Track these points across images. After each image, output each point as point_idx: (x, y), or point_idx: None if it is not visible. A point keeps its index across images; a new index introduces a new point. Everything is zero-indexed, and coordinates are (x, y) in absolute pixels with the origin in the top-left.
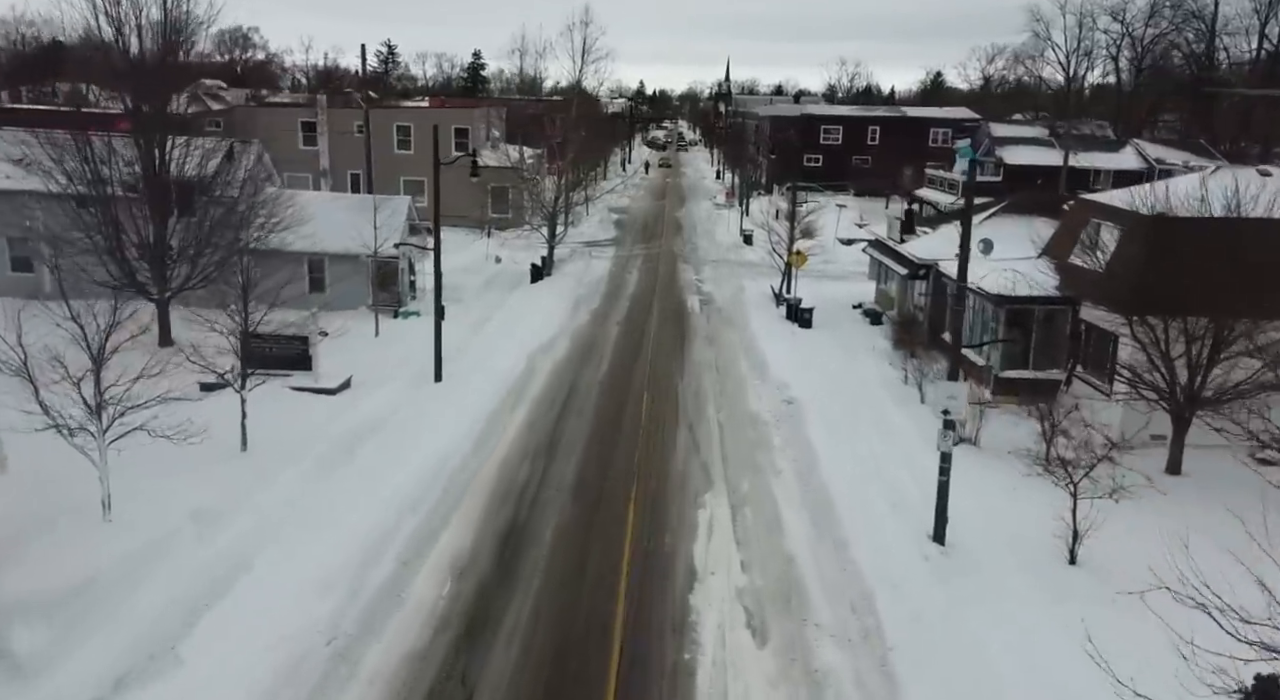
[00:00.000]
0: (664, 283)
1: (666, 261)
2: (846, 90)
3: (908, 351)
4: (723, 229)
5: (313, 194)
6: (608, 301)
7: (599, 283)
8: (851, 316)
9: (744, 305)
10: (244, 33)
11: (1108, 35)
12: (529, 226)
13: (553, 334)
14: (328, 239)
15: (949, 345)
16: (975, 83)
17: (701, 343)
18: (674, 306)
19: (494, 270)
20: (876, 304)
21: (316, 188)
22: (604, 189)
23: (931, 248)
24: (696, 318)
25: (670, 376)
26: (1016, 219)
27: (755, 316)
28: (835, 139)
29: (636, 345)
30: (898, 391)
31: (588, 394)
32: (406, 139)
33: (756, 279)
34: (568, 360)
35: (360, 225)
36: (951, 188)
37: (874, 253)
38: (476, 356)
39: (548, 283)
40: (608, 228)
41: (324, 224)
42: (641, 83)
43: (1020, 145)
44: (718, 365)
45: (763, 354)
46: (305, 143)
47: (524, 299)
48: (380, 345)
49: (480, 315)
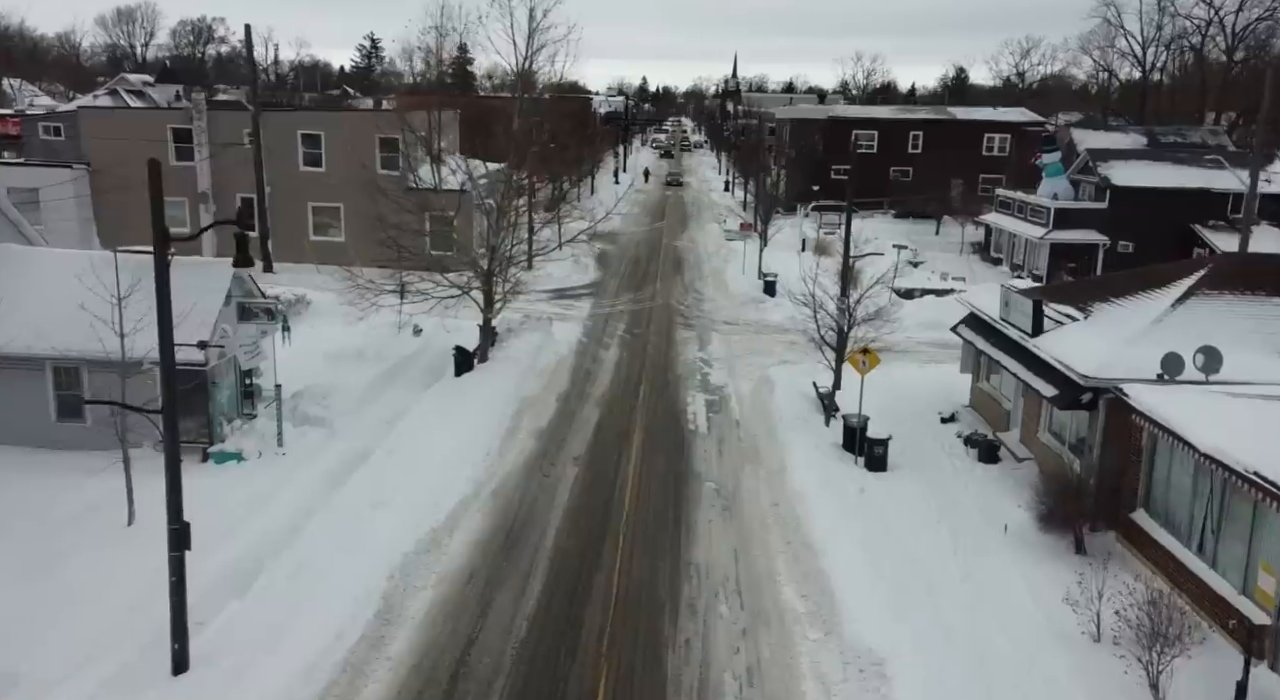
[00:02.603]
0: (654, 367)
1: (660, 324)
2: (862, 87)
3: (1071, 537)
4: (736, 269)
5: (44, 253)
6: (565, 411)
7: (557, 372)
8: (938, 435)
9: (774, 416)
10: (208, 24)
11: (1191, 21)
12: (443, 292)
13: (462, 496)
14: (69, 333)
15: (1141, 530)
16: (1011, 78)
17: (711, 511)
18: (667, 419)
19: (407, 350)
20: (980, 415)
21: (194, 218)
22: (585, 215)
23: (1094, 351)
24: (701, 445)
25: (654, 610)
26: (1233, 300)
27: (794, 443)
28: (869, 146)
29: (602, 519)
30: (1089, 664)
31: (491, 680)
32: (315, 152)
33: (788, 360)
34: (471, 571)
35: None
36: (1036, 214)
37: (977, 341)
38: (294, 578)
39: (480, 374)
40: (585, 266)
41: (61, 307)
42: (644, 79)
43: (1128, 160)
44: (740, 582)
45: (815, 544)
46: (179, 157)
47: (433, 411)
48: (130, 542)
49: (348, 451)
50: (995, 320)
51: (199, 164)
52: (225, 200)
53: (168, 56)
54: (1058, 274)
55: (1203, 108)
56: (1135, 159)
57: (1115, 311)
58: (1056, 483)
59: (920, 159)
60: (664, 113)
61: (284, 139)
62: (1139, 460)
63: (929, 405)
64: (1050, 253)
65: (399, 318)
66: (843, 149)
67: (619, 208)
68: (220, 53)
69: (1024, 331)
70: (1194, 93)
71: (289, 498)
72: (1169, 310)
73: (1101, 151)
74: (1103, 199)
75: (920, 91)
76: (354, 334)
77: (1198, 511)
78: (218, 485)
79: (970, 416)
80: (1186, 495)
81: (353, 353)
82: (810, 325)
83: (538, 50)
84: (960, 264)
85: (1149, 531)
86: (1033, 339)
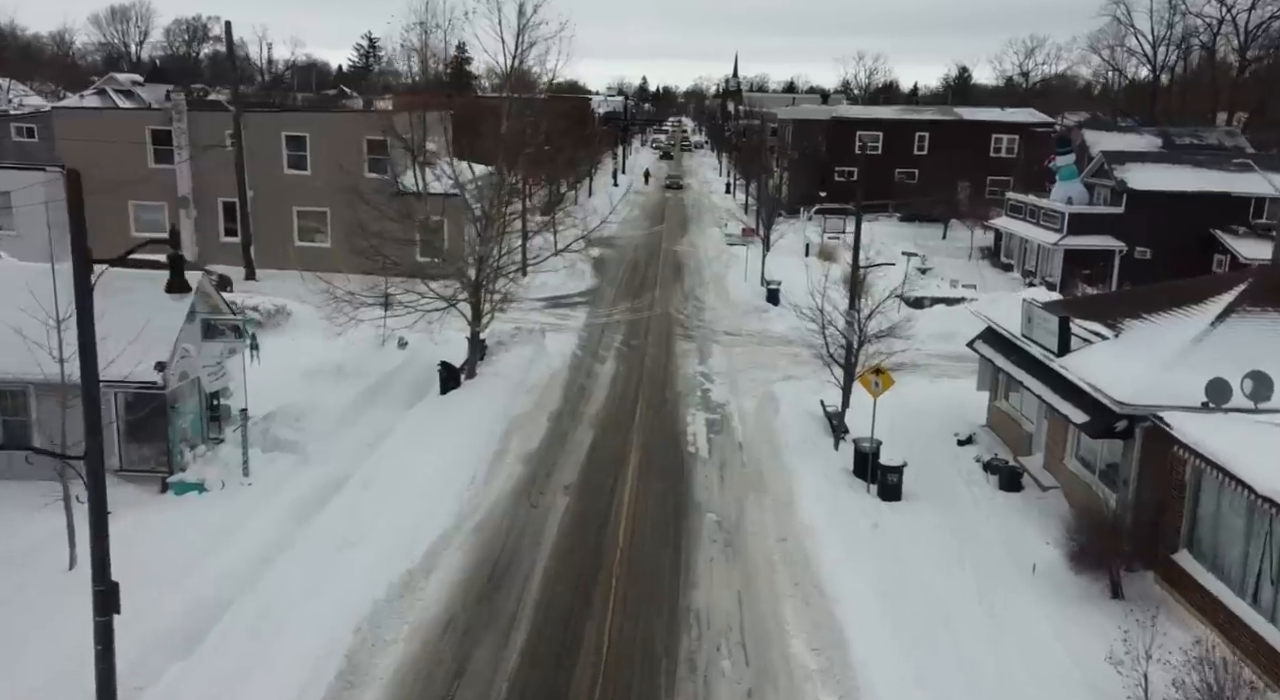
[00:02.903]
0: (652, 382)
1: (659, 335)
2: (864, 87)
3: (1106, 579)
4: (738, 275)
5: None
6: (557, 432)
7: (549, 388)
8: (955, 459)
9: (779, 437)
10: (203, 22)
11: (1202, 19)
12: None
13: (442, 530)
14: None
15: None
16: (1014, 77)
17: (713, 548)
18: (665, 440)
19: (390, 365)
20: (999, 436)
21: (173, 222)
22: (578, 224)
23: (1128, 374)
24: (702, 471)
25: (650, 666)
26: (1278, 317)
27: (801, 469)
28: (874, 148)
29: (593, 557)
30: None
31: None
32: (300, 154)
33: (792, 375)
34: (448, 619)
35: (122, 314)
36: (1049, 219)
37: (996, 358)
38: (251, 632)
39: (467, 391)
40: (582, 272)
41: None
42: (644, 79)
43: (1145, 163)
44: (744, 632)
45: (826, 587)
46: (157, 159)
47: (415, 433)
48: (69, 589)
49: (322, 479)
50: (1016, 336)
51: (179, 167)
52: (207, 204)
53: (162, 55)
54: (1072, 281)
55: (1215, 107)
56: (1152, 161)
57: (1148, 329)
58: (1089, 518)
59: (926, 160)
60: (664, 113)
61: (268, 141)
62: (1181, 496)
63: (943, 425)
64: (1064, 258)
65: (383, 331)
66: (847, 150)
67: (617, 212)
68: (216, 52)
69: (1049, 350)
70: (1205, 92)
71: (252, 533)
72: (1208, 329)
73: (1118, 154)
74: (1119, 203)
75: (923, 91)
76: (335, 349)
77: (1253, 557)
78: (175, 520)
79: (988, 438)
80: (1238, 538)
81: (332, 369)
82: (816, 339)
83: (529, 48)
84: (970, 270)
85: (1194, 575)
86: (1059, 359)
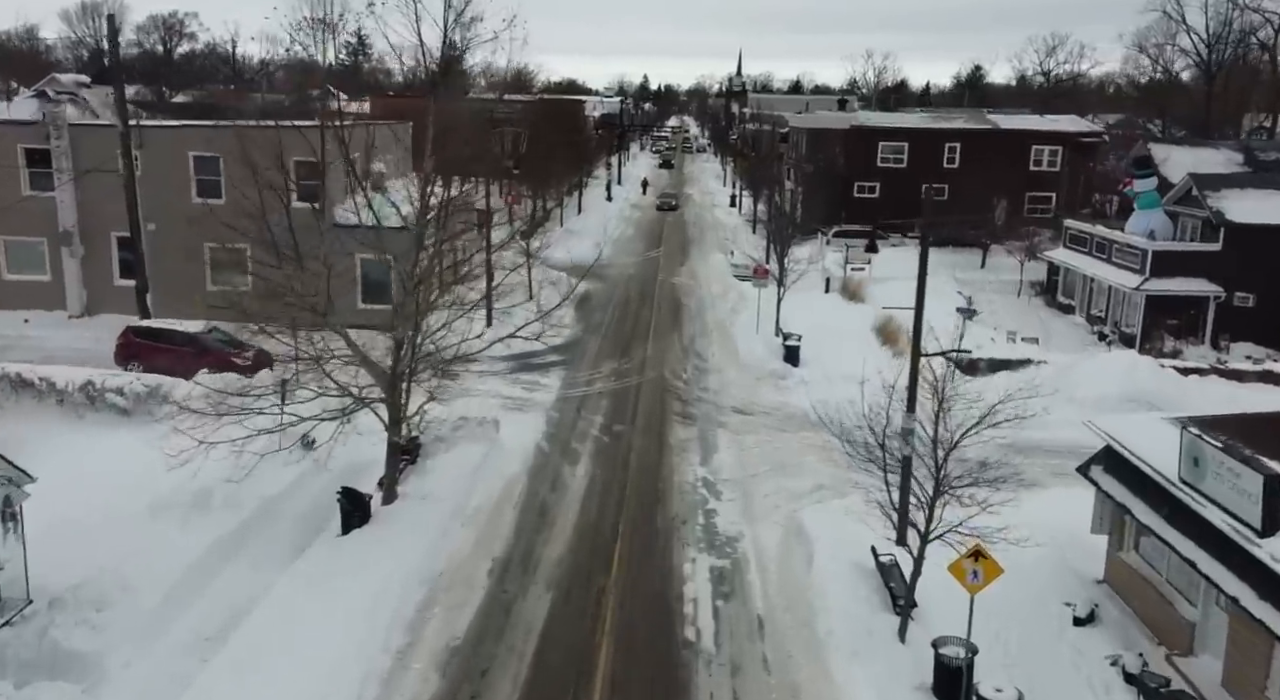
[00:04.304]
0: (639, 499)
1: (651, 414)
2: (873, 86)
3: None
4: (747, 322)
5: None
6: (497, 604)
7: (498, 514)
8: (1075, 653)
9: (816, 613)
10: (179, 19)
11: (1262, 15)
12: (325, 412)
13: None
14: None
15: None
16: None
17: None
18: (652, 613)
19: (279, 484)
20: (1127, 604)
21: (56, 263)
22: (562, 238)
23: None
24: (705, 682)
25: None
26: None
27: (854, 684)
28: (898, 160)
29: None
30: None
31: None
32: (214, 179)
33: (824, 486)
34: None
35: None
36: (1125, 256)
37: (1130, 503)
38: None
39: (379, 528)
40: (559, 318)
41: None
42: (645, 77)
43: (1244, 189)
44: None
45: None
46: (34, 185)
47: (284, 618)
48: None
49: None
50: (1168, 480)
51: (59, 194)
52: (97, 241)
53: (134, 53)
54: (1155, 332)
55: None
56: (1250, 186)
57: None
58: None
59: (957, 175)
60: (666, 112)
61: (171, 162)
62: None
63: (1041, 580)
64: (1147, 305)
65: (279, 430)
66: (868, 163)
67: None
68: (194, 50)
69: (1240, 521)
70: (1268, 94)
71: None
72: None
73: (1209, 178)
74: (1214, 238)
75: (934, 90)
76: (212, 458)
77: None
78: None
79: (1115, 611)
80: None
81: (192, 497)
82: (848, 418)
83: (462, 50)
84: (1024, 313)
85: None
86: (1264, 539)
